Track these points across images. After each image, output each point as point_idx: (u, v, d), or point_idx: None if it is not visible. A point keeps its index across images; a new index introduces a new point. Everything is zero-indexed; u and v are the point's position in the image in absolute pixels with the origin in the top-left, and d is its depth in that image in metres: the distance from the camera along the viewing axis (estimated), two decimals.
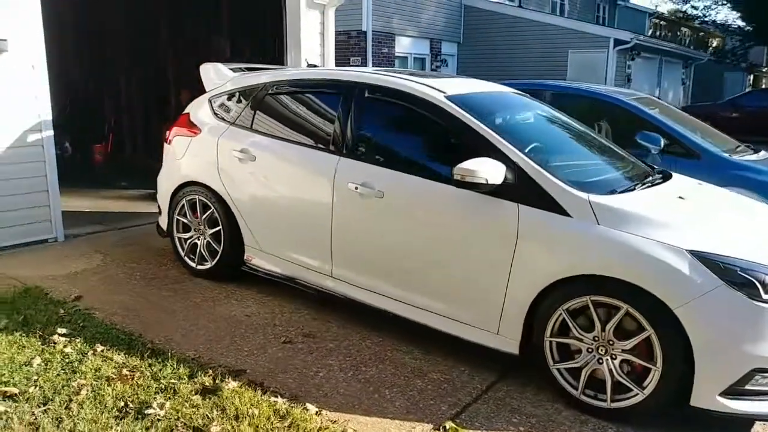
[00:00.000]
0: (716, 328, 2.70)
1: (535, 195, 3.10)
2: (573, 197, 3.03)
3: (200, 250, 4.48)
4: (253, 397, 2.88)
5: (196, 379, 3.02)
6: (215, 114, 4.47)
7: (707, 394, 2.74)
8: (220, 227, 4.32)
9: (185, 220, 4.55)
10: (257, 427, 2.65)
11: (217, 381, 2.99)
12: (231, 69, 4.69)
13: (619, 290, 2.83)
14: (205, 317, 3.87)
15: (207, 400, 2.84)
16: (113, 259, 4.86)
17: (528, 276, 3.07)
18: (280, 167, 4.02)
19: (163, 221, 4.77)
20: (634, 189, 3.35)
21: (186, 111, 4.70)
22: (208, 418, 2.68)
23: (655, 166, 4.05)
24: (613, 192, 3.17)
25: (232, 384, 2.97)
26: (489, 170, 3.08)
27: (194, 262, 4.53)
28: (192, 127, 4.54)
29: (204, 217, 4.42)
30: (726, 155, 5.45)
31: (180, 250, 4.62)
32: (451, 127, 3.43)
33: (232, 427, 2.64)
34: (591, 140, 4.09)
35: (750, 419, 2.91)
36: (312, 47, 7.36)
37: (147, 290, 4.28)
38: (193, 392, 2.90)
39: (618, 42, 16.66)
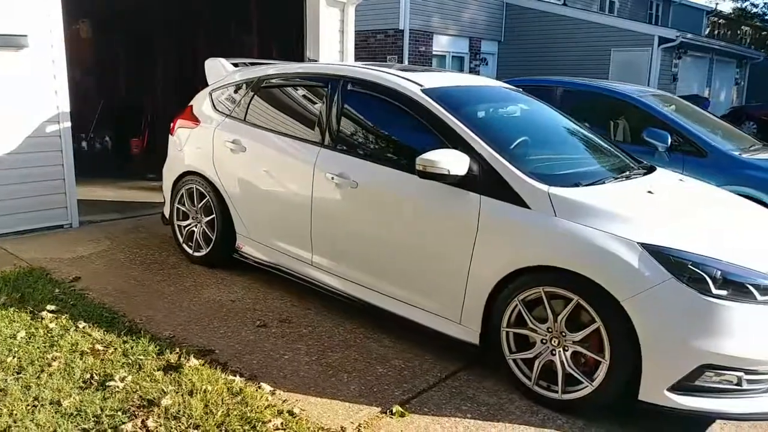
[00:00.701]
0: (664, 322, 2.67)
1: (497, 187, 3.12)
2: (533, 189, 3.04)
3: (196, 238, 4.66)
4: (211, 375, 3.01)
5: (162, 357, 3.17)
6: (214, 107, 4.64)
7: (655, 389, 2.71)
8: (214, 215, 4.49)
9: (184, 209, 4.75)
10: (207, 401, 2.77)
11: (181, 359, 3.13)
12: (233, 64, 4.86)
13: (570, 281, 2.83)
14: (191, 300, 4.04)
15: (168, 375, 2.99)
16: (119, 245, 5.10)
17: (487, 266, 3.09)
18: (267, 158, 4.15)
19: (166, 210, 4.99)
20: (603, 182, 3.33)
21: (190, 103, 4.90)
22: (163, 392, 2.83)
23: (642, 161, 3.98)
24: (577, 185, 3.15)
25: (195, 362, 3.11)
26: (450, 161, 3.11)
27: (191, 248, 4.72)
28: (193, 119, 4.73)
29: (200, 205, 4.60)
30: (735, 153, 5.29)
31: (179, 237, 4.82)
32: (424, 119, 3.47)
33: (183, 400, 2.77)
34: (575, 134, 4.06)
35: (710, 416, 2.84)
36: (332, 45, 7.49)
37: (143, 274, 4.49)
38: (157, 368, 3.05)
39: (663, 40, 16.19)
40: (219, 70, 4.83)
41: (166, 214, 5.00)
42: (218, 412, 2.69)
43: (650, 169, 3.82)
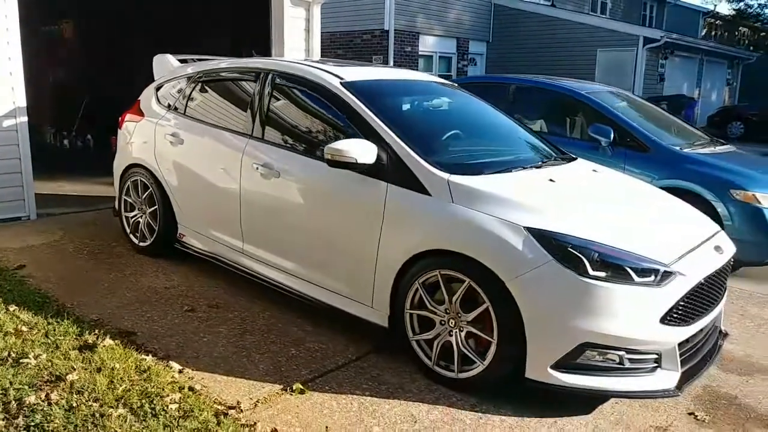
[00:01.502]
0: (545, 302, 2.78)
1: (402, 175, 3.24)
2: (434, 177, 3.15)
3: (141, 228, 4.80)
4: (123, 354, 3.14)
5: (81, 337, 3.30)
6: (158, 101, 4.78)
7: (539, 367, 2.82)
8: (157, 207, 4.62)
9: (130, 200, 4.89)
10: (113, 378, 2.90)
11: (98, 339, 3.26)
12: (179, 60, 5.00)
13: (463, 264, 2.94)
14: (127, 287, 4.17)
15: (81, 354, 3.12)
16: (71, 236, 5.25)
17: (392, 251, 3.21)
18: (202, 149, 4.29)
19: (116, 202, 5.12)
20: (510, 171, 3.44)
21: (138, 98, 5.04)
22: (72, 368, 2.95)
23: (566, 153, 4.09)
24: (480, 173, 3.27)
25: (110, 342, 3.24)
26: (358, 150, 3.23)
27: (137, 239, 4.86)
28: (140, 113, 4.88)
29: (144, 196, 4.74)
30: (675, 148, 5.39)
31: (126, 227, 4.96)
32: (341, 111, 3.60)
33: (90, 376, 2.90)
34: (499, 126, 4.18)
35: (594, 394, 2.93)
36: (296, 43, 7.64)
37: (88, 263, 4.63)
38: (73, 348, 3.18)
39: (648, 40, 16.29)
40: (165, 65, 4.97)
41: (116, 206, 5.14)
42: (120, 387, 2.81)
43: (570, 160, 3.94)
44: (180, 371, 3.07)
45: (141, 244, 4.83)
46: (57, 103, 11.08)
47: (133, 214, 4.89)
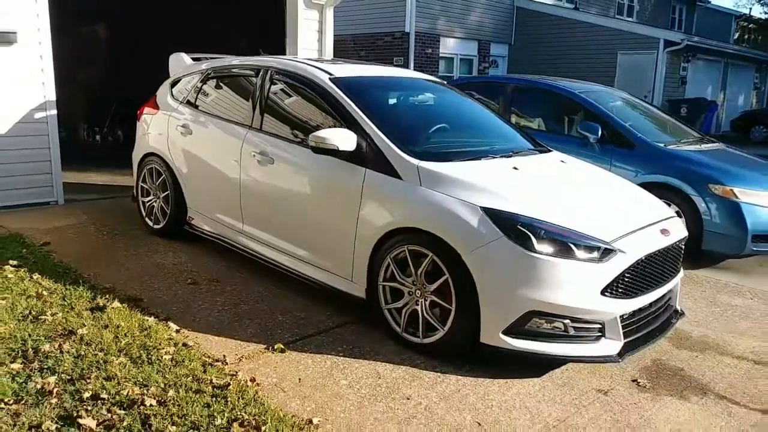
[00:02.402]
0: (496, 274, 3.11)
1: (379, 161, 3.59)
2: (406, 163, 3.50)
3: (155, 212, 5.24)
4: (129, 315, 3.56)
5: (94, 301, 3.73)
6: (172, 95, 5.23)
7: (492, 332, 3.14)
8: (169, 192, 5.05)
9: (146, 186, 5.34)
10: (117, 333, 3.32)
11: (108, 303, 3.69)
12: (192, 58, 5.43)
13: (427, 240, 3.28)
14: (139, 262, 4.61)
15: (93, 314, 3.55)
16: (94, 219, 5.73)
17: (368, 229, 3.56)
18: (208, 139, 4.70)
19: (134, 188, 5.58)
20: (479, 159, 3.77)
21: (156, 93, 5.49)
22: (83, 324, 3.38)
23: (543, 145, 4.40)
24: (449, 160, 3.60)
25: (118, 305, 3.67)
26: (338, 138, 3.60)
27: (152, 222, 5.31)
28: (155, 107, 5.32)
29: (158, 182, 5.18)
30: (660, 145, 5.62)
31: (142, 211, 5.41)
32: (328, 103, 3.97)
33: (98, 331, 3.32)
34: (481, 120, 4.52)
35: (542, 357, 3.22)
36: (310, 43, 8.05)
37: (106, 242, 5.09)
38: (85, 309, 3.61)
39: (668, 43, 16.32)
40: (180, 63, 5.41)
41: (135, 192, 5.60)
42: (123, 341, 3.23)
43: (543, 152, 4.25)
44: (177, 331, 3.48)
45: (155, 226, 5.27)
46: (91, 102, 11.70)
47: (148, 199, 5.34)
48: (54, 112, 6.03)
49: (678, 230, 3.60)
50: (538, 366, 3.29)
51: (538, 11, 18.51)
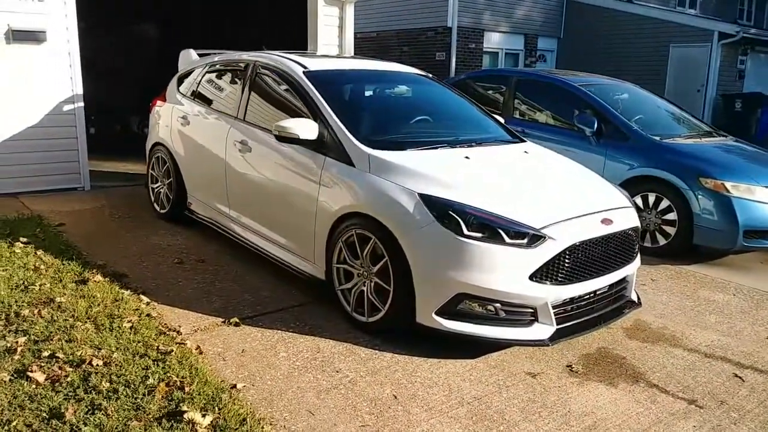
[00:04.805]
0: (429, 257, 3.25)
1: (337, 149, 3.79)
2: (359, 151, 3.69)
3: (161, 198, 5.63)
4: (108, 287, 3.91)
5: (81, 275, 4.11)
6: (177, 89, 5.59)
7: (426, 313, 3.29)
8: (172, 179, 5.42)
9: (154, 173, 5.73)
10: (92, 303, 3.66)
11: (92, 276, 4.06)
12: (199, 54, 5.78)
13: (371, 224, 3.46)
14: (138, 243, 4.99)
15: (76, 286, 3.92)
16: (111, 204, 6.19)
17: (325, 214, 3.77)
18: (202, 129, 5.03)
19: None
20: (436, 148, 3.90)
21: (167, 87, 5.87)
22: (63, 294, 3.75)
23: (519, 136, 4.49)
24: (401, 149, 3.76)
25: (100, 278, 4.03)
26: (300, 127, 3.83)
27: (159, 207, 5.70)
28: (164, 99, 5.70)
29: (163, 170, 5.56)
30: (655, 138, 5.55)
31: (151, 197, 5.81)
32: (299, 95, 4.20)
33: (74, 300, 3.68)
34: (455, 111, 4.64)
35: (474, 338, 3.32)
36: (330, 39, 8.30)
37: (115, 225, 5.51)
38: (71, 281, 3.99)
39: (723, 35, 15.64)
40: (188, 58, 5.77)
41: (146, 180, 6.02)
42: (94, 310, 3.57)
43: (512, 142, 4.34)
44: (147, 303, 3.80)
45: (161, 211, 5.66)
46: (141, 97, 12.41)
47: (156, 185, 5.74)
48: (81, 104, 6.53)
49: (626, 220, 3.62)
50: (473, 347, 3.40)
51: (590, 3, 18.09)
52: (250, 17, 10.56)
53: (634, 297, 3.88)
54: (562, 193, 3.67)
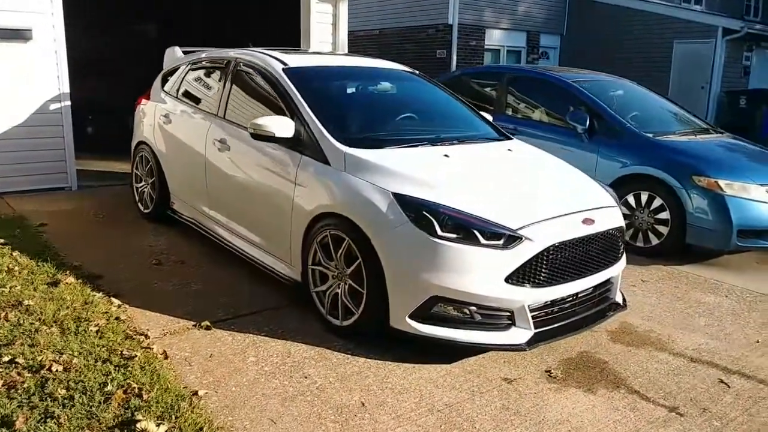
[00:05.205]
0: (402, 258, 3.14)
1: (313, 148, 3.69)
2: (335, 150, 3.58)
3: (145, 197, 5.55)
4: (78, 289, 3.83)
5: (54, 277, 4.02)
6: (162, 86, 5.50)
7: (399, 316, 3.19)
8: (155, 178, 5.34)
9: (138, 173, 5.65)
10: (60, 306, 3.57)
11: (65, 278, 3.97)
12: (184, 51, 5.69)
13: (345, 225, 3.35)
14: (118, 243, 4.91)
15: (48, 288, 3.83)
16: (97, 204, 6.11)
17: (300, 214, 3.67)
18: (183, 127, 4.94)
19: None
20: (416, 146, 3.79)
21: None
22: (33, 297, 3.67)
23: (506, 133, 4.37)
24: (378, 147, 3.65)
25: (72, 280, 3.94)
26: (275, 125, 3.72)
27: (143, 206, 5.62)
28: (148, 97, 5.62)
29: (146, 168, 5.48)
30: (648, 135, 5.41)
31: (135, 197, 5.73)
32: (278, 92, 4.09)
33: (43, 302, 3.59)
34: (439, 108, 4.54)
35: (448, 343, 3.21)
36: (323, 37, 8.20)
37: (97, 225, 5.44)
38: (43, 283, 3.90)
39: (727, 31, 15.41)
40: (172, 56, 5.68)
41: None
42: (62, 313, 3.48)
43: (496, 140, 4.23)
44: (119, 306, 3.71)
45: (145, 211, 5.58)
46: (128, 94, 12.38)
47: (140, 185, 5.65)
48: (68, 103, 6.46)
49: (609, 220, 3.50)
50: (450, 352, 3.29)
51: None
52: (250, 16, 10.48)
53: (619, 299, 3.76)
54: (542, 193, 3.55)
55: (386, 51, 16.69)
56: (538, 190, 3.57)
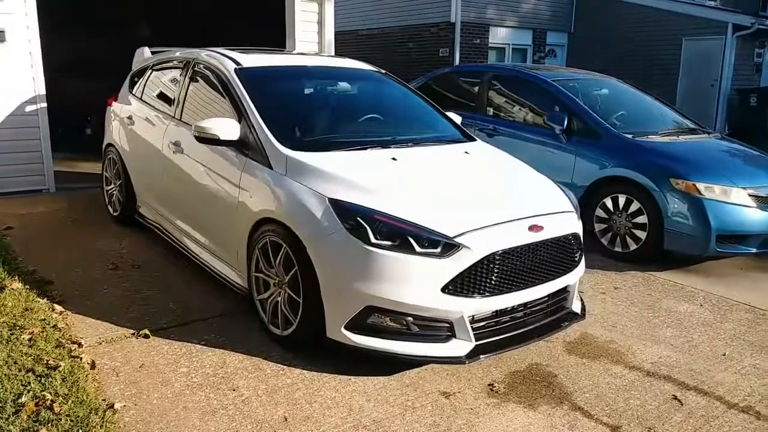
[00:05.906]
0: (335, 267, 3.02)
1: (257, 150, 3.58)
2: (278, 153, 3.46)
3: (113, 200, 5.48)
4: (23, 295, 3.75)
5: (3, 282, 3.96)
6: (129, 88, 5.43)
7: (335, 327, 3.06)
8: (122, 180, 5.27)
9: (107, 175, 5.59)
10: (1, 311, 3.51)
11: (11, 283, 3.90)
12: (152, 51, 5.61)
13: (282, 231, 3.23)
14: (80, 247, 4.84)
15: None
16: (70, 206, 6.07)
17: (243, 219, 3.55)
18: (144, 129, 4.86)
19: None
20: (365, 149, 3.65)
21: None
22: None
23: (469, 134, 4.23)
24: (324, 150, 3.53)
25: (18, 286, 3.87)
26: (219, 127, 3.62)
27: (112, 209, 5.55)
28: (117, 99, 5.55)
29: (114, 171, 5.41)
30: (627, 136, 5.21)
31: (105, 199, 5.67)
32: (228, 93, 3.98)
33: None
34: (400, 110, 4.41)
35: (384, 354, 3.07)
36: (309, 36, 8.08)
37: (65, 228, 5.38)
38: None
39: (737, 27, 15.02)
40: (141, 56, 5.61)
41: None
42: None
43: (461, 141, 4.10)
44: (60, 313, 3.63)
45: (114, 214, 5.51)
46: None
47: (109, 187, 5.59)
48: (44, 105, 6.42)
49: (562, 226, 3.33)
50: (390, 365, 3.15)
51: None
52: (236, 16, 10.43)
53: (577, 308, 3.59)
54: (490, 198, 3.39)
55: (389, 51, 16.57)
56: (486, 195, 3.40)
